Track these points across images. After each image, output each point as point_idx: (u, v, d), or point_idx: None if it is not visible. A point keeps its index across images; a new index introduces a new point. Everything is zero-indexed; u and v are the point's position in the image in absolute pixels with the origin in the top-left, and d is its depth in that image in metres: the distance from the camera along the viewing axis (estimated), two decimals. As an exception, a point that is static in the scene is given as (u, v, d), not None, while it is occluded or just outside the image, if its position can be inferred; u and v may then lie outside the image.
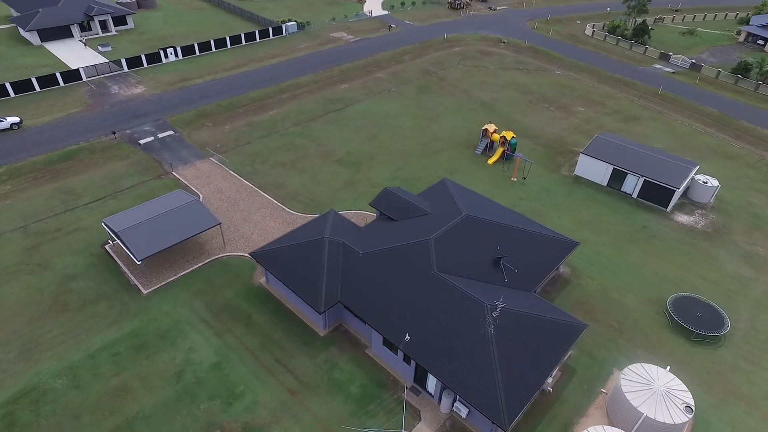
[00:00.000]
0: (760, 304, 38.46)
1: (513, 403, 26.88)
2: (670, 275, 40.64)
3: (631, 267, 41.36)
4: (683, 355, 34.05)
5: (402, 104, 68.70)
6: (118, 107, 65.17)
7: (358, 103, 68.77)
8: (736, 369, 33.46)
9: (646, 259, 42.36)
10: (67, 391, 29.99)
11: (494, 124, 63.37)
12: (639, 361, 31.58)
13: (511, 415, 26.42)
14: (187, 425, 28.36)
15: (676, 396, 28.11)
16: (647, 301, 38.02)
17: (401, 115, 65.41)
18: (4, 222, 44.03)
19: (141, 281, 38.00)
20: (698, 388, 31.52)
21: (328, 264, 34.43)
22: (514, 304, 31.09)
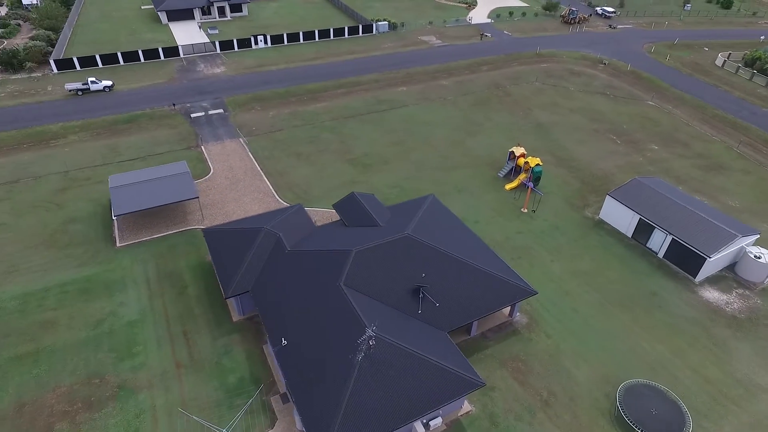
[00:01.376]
0: (756, 426, 29.57)
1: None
2: (653, 357, 33.19)
3: (607, 335, 34.65)
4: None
5: (449, 114, 65.80)
6: (194, 83, 72.64)
7: (405, 107, 67.51)
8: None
9: (633, 330, 35.14)
10: (11, 312, 34.73)
11: (540, 148, 57.80)
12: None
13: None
14: (79, 368, 31.01)
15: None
16: (601, 379, 31.60)
17: (441, 125, 62.71)
18: (55, 165, 52.09)
19: (120, 235, 42.28)
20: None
21: (254, 254, 34.73)
22: (406, 338, 28.27)
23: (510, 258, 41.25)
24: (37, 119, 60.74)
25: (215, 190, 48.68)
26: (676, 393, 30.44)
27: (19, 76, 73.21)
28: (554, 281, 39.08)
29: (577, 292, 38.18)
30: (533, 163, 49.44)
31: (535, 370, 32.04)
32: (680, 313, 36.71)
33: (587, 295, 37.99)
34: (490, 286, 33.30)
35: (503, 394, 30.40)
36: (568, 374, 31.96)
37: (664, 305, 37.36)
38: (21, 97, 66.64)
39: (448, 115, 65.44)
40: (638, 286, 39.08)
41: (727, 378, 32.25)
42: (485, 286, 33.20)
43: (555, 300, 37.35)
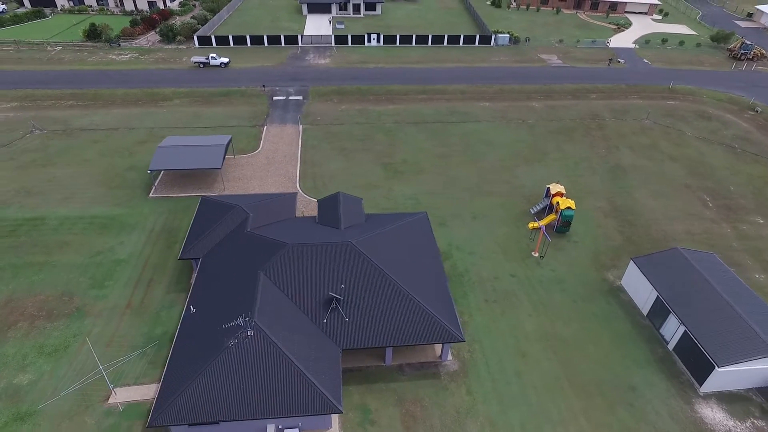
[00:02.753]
0: None
1: (178, 412, 25.51)
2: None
3: (539, 417, 29.22)
4: None
5: (518, 138, 60.79)
6: (295, 69, 78.93)
7: (476, 122, 64.24)
8: None
9: (578, 423, 29.10)
10: (48, 229, 42.81)
11: (598, 191, 50.57)
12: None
13: (161, 417, 25.34)
14: (60, 284, 37.09)
15: None
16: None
17: (502, 147, 58.33)
18: (149, 122, 61.79)
19: (155, 188, 48.77)
20: None
21: (219, 227, 37.31)
22: (289, 341, 27.96)
23: (483, 299, 37.30)
24: (159, 82, 72.49)
25: (250, 166, 52.91)
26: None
27: (170, 46, 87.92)
28: (516, 338, 34.29)
29: (536, 358, 32.97)
30: (564, 205, 43.44)
31: (431, 423, 28.84)
32: (654, 423, 29.30)
33: (546, 364, 32.57)
34: (415, 319, 30.81)
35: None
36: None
37: (638, 406, 30.16)
38: (159, 63, 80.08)
39: (516, 138, 60.57)
40: (618, 374, 32.13)
41: None
42: (409, 318, 30.84)
43: (503, 357, 32.85)
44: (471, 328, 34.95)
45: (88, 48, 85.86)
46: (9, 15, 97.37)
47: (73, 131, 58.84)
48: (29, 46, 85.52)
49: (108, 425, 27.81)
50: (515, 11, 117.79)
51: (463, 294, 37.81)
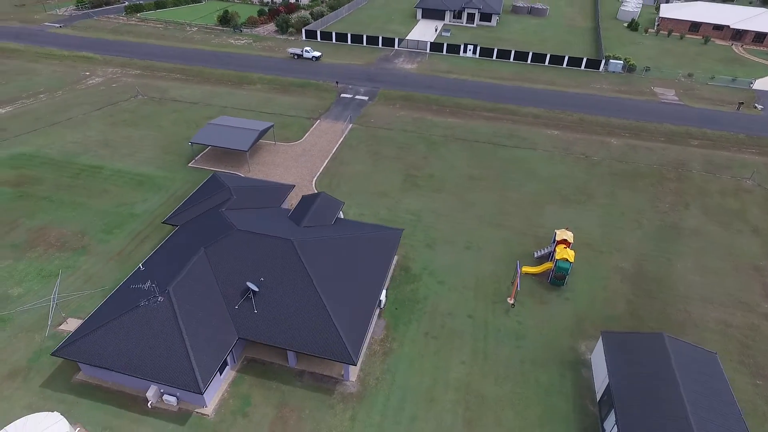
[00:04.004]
0: None
1: (77, 350, 28.93)
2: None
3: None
4: None
5: (566, 174, 54.71)
6: (377, 71, 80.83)
7: (528, 149, 59.28)
8: None
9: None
10: (103, 177, 50.71)
11: (630, 251, 43.80)
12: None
13: (63, 351, 28.92)
14: (83, 225, 43.83)
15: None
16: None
17: (540, 181, 53.09)
18: (224, 101, 68.75)
19: (197, 159, 54.49)
20: None
21: (207, 201, 40.65)
22: (190, 315, 29.81)
23: (424, 332, 35.01)
24: (253, 67, 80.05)
25: (283, 155, 56.10)
26: None
27: (280, 37, 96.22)
28: (434, 381, 31.65)
29: (442, 408, 30.09)
30: (561, 255, 38.38)
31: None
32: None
33: (448, 417, 29.56)
34: (318, 329, 30.40)
35: (245, 425, 28.53)
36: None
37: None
38: (263, 51, 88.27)
39: (565, 174, 54.64)
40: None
41: None
42: (313, 326, 30.53)
43: (407, 396, 30.63)
44: (393, 357, 33.23)
45: (216, 31, 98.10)
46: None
47: (164, 100, 68.35)
48: (174, 26, 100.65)
49: (47, 345, 32.64)
50: (652, 37, 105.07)
51: (407, 321, 35.95)
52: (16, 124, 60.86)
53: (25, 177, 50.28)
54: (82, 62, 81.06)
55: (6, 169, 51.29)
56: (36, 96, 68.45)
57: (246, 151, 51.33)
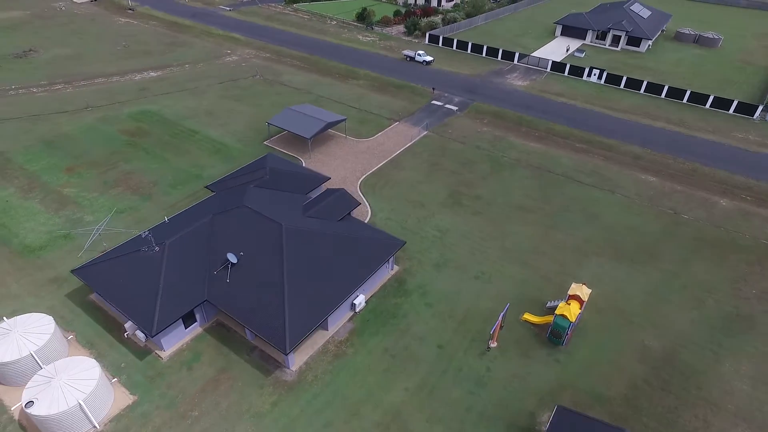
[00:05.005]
0: None
1: (89, 274, 34.58)
2: None
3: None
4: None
5: (636, 226, 47.25)
6: (482, 83, 78.55)
7: (605, 192, 52.45)
8: None
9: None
10: (193, 141, 58.67)
11: (681, 336, 37.13)
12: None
13: (81, 271, 34.76)
14: (157, 175, 51.48)
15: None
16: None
17: (598, 229, 46.74)
18: (322, 91, 73.47)
19: (272, 139, 59.62)
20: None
21: (248, 177, 44.88)
22: (169, 271, 33.66)
23: (385, 347, 34.19)
24: (364, 63, 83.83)
25: (347, 149, 58.31)
26: None
27: (406, 38, 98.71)
28: (369, 395, 30.81)
29: (361, 424, 29.22)
30: (562, 311, 33.90)
31: (222, 400, 30.18)
32: None
33: None
34: (271, 314, 31.84)
35: (184, 375, 31.37)
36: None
37: None
38: (382, 50, 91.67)
39: (634, 228, 47.34)
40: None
41: None
42: (269, 310, 32.07)
43: (335, 400, 30.42)
44: (342, 362, 33.16)
45: (351, 27, 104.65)
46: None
47: (275, 83, 75.77)
48: (318, 18, 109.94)
49: (84, 257, 39.55)
50: None
51: (374, 332, 35.39)
52: (157, 86, 73.35)
53: (139, 129, 60.70)
54: (229, 42, 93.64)
55: (130, 121, 62.48)
56: (182, 65, 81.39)
57: (308, 138, 54.78)
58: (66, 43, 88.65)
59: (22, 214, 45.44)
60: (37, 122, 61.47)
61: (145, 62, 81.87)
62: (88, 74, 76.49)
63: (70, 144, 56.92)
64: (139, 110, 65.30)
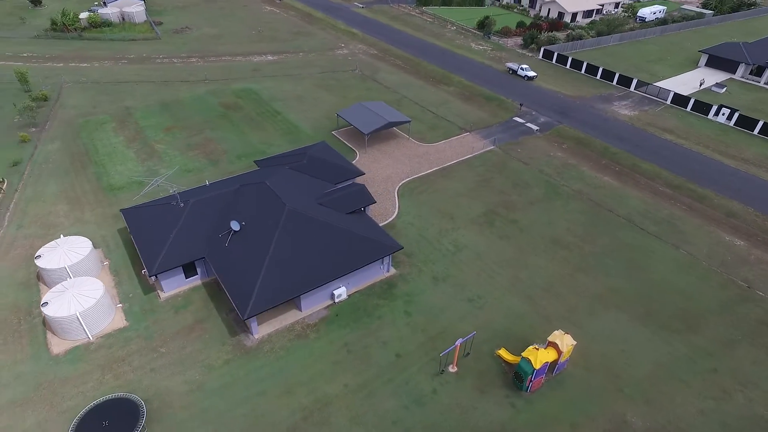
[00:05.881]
0: None
1: (133, 213, 41.08)
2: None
3: None
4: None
5: (684, 290, 40.40)
6: (578, 106, 72.79)
7: (666, 244, 45.53)
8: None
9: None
10: (266, 116, 64.60)
11: (680, 425, 32.12)
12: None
13: (128, 209, 41.45)
14: (230, 143, 58.00)
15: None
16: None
17: (642, 284, 40.98)
18: (410, 92, 74.67)
19: (339, 130, 62.85)
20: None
21: (293, 159, 48.59)
22: (188, 224, 38.50)
23: (344, 342, 34.94)
24: (464, 71, 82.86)
25: (404, 150, 58.99)
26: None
27: (521, 51, 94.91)
28: (310, 380, 32.05)
29: (289, 403, 30.56)
30: (528, 354, 31.09)
31: (202, 358, 33.96)
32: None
33: (284, 412, 30.00)
34: (245, 282, 34.68)
35: (169, 316, 35.84)
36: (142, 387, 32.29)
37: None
38: (488, 60, 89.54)
39: (682, 291, 40.60)
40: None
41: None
42: (245, 278, 34.96)
43: (279, 374, 32.26)
44: (301, 342, 34.77)
45: (468, 34, 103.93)
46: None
47: (368, 79, 79.17)
48: (440, 22, 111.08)
49: (138, 201, 46.75)
50: None
51: (343, 325, 36.25)
52: (268, 68, 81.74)
53: (235, 104, 68.68)
54: (347, 36, 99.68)
55: (231, 96, 70.92)
56: (297, 53, 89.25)
57: (365, 134, 56.89)
58: (215, 24, 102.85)
59: (119, 159, 55.12)
60: (164, 87, 73.14)
61: (268, 47, 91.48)
62: (220, 52, 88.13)
63: (178, 108, 66.86)
64: (243, 88, 73.68)
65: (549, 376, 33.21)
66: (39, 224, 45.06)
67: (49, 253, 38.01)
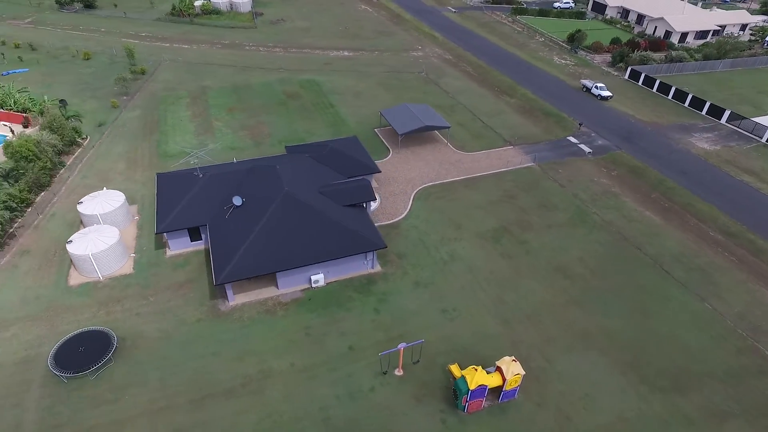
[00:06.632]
0: None
1: (164, 178, 46.37)
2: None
3: (176, 382, 32.19)
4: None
5: (691, 346, 35.65)
6: (649, 133, 66.69)
7: (687, 294, 40.41)
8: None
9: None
10: (320, 109, 67.83)
11: None
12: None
13: (162, 174, 46.87)
14: (277, 127, 62.19)
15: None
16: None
17: (630, 329, 37.02)
18: (467, 99, 73.53)
19: (381, 128, 64.14)
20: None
21: (319, 144, 51.14)
22: (202, 192, 42.69)
23: (305, 326, 36.47)
24: (532, 84, 79.62)
25: (438, 155, 58.66)
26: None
27: (606, 68, 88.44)
28: (259, 353, 34.16)
29: (236, 369, 32.87)
30: (467, 373, 30.07)
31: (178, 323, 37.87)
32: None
33: (225, 375, 32.37)
34: (229, 250, 37.70)
35: (167, 272, 40.11)
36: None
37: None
38: (565, 75, 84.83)
39: (694, 349, 35.99)
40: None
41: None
42: (229, 247, 38.00)
43: (236, 343, 34.78)
44: (266, 316, 36.97)
45: (555, 46, 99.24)
46: (562, 10, 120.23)
47: (431, 83, 79.37)
48: (529, 32, 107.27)
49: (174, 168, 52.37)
50: None
51: (310, 310, 37.76)
52: (339, 63, 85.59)
53: (297, 93, 73.14)
54: (427, 39, 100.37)
55: (296, 86, 75.57)
56: (372, 52, 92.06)
57: (399, 134, 57.67)
58: (308, 18, 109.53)
59: (180, 131, 61.94)
60: (242, 72, 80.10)
61: (348, 43, 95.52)
62: (302, 44, 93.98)
63: (246, 92, 72.96)
64: (309, 79, 78.10)
65: (494, 401, 31.86)
66: (99, 177, 52.54)
67: (89, 201, 44.41)
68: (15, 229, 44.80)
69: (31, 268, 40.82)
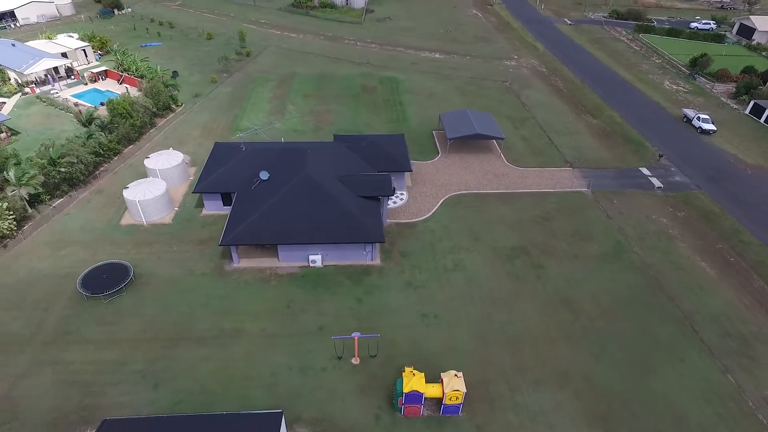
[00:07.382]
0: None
1: (210, 155, 52.07)
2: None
3: (167, 321, 36.75)
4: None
5: (706, 420, 30.67)
6: (746, 176, 57.58)
7: (710, 363, 34.67)
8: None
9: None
10: (365, 107, 69.60)
11: None
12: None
13: (216, 148, 52.76)
14: (339, 125, 65.37)
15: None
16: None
17: (638, 397, 32.99)
18: (543, 113, 69.82)
19: (438, 131, 63.85)
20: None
21: (362, 137, 53.30)
22: (238, 164, 47.26)
23: (288, 303, 38.76)
24: (625, 107, 73.01)
25: (486, 165, 57.05)
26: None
27: (726, 100, 77.30)
28: (240, 311, 37.27)
29: (213, 325, 36.40)
30: (407, 378, 29.82)
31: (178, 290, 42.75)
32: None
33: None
34: (241, 216, 41.44)
35: (198, 227, 45.25)
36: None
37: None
38: (669, 101, 76.20)
39: (707, 428, 31.17)
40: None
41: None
42: (242, 213, 41.68)
43: (226, 302, 38.37)
44: (262, 284, 39.98)
45: (672, 70, 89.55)
46: (697, 32, 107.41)
47: (510, 93, 76.80)
48: (647, 52, 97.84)
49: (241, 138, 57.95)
50: None
51: (301, 286, 39.97)
52: (426, 65, 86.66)
53: (373, 88, 75.98)
54: (527, 48, 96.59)
55: (375, 81, 78.37)
56: (464, 56, 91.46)
57: (449, 139, 57.34)
58: (413, 19, 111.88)
59: (256, 109, 68.29)
60: (331, 63, 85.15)
61: (443, 46, 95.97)
62: (398, 43, 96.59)
63: (327, 82, 77.59)
64: (389, 76, 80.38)
65: (436, 412, 31.24)
66: (177, 139, 60.42)
67: (155, 157, 51.62)
68: (100, 173, 53.75)
69: (98, 205, 48.88)
